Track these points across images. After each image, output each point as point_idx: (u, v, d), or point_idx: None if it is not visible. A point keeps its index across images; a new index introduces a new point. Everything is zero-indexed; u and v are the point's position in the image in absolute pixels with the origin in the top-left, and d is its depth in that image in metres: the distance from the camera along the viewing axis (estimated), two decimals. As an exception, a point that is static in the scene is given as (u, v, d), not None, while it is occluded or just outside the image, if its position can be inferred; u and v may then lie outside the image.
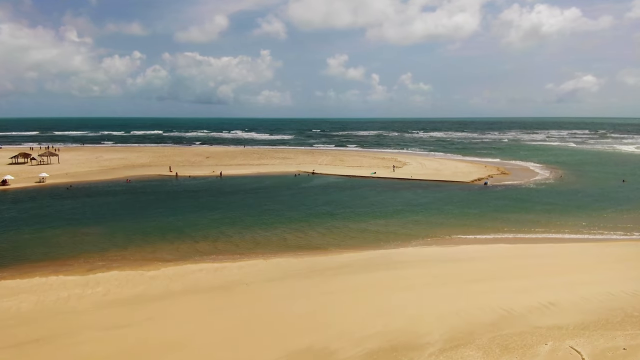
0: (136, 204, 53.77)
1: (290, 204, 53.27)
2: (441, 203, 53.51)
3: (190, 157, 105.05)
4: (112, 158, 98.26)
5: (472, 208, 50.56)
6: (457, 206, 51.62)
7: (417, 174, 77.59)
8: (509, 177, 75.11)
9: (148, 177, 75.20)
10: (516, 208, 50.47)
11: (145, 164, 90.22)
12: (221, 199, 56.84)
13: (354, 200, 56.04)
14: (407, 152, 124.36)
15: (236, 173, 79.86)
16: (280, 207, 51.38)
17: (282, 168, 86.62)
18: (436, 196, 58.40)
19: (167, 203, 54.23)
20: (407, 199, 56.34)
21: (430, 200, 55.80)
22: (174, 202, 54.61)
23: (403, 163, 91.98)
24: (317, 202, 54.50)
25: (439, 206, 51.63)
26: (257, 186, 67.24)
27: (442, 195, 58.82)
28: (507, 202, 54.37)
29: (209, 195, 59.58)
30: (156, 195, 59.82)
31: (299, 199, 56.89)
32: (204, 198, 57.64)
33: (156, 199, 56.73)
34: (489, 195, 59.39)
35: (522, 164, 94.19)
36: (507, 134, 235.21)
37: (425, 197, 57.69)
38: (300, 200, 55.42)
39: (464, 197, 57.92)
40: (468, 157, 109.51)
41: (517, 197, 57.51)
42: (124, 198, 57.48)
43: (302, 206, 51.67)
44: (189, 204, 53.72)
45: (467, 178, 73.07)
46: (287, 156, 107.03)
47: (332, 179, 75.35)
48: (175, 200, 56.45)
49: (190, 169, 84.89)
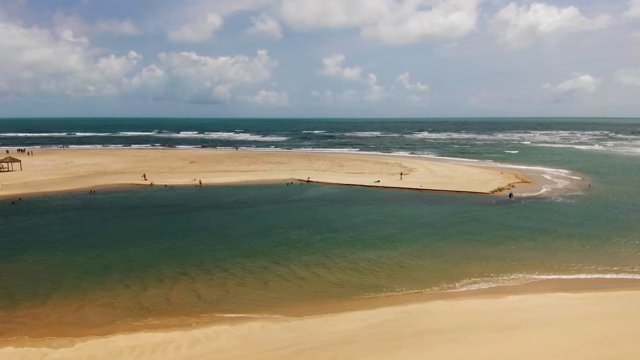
0: (86, 225, 43.53)
1: (277, 225, 43.23)
2: (462, 223, 43.64)
3: (173, 161, 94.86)
4: (84, 164, 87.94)
5: (503, 230, 40.69)
6: (483, 227, 41.75)
7: (426, 182, 67.70)
8: (532, 187, 65.28)
9: (117, 187, 65.00)
10: (560, 231, 40.60)
11: (120, 171, 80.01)
12: (193, 218, 46.75)
13: (355, 219, 45.99)
14: (411, 155, 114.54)
15: (219, 182, 69.73)
16: (263, 230, 41.36)
17: (273, 175, 76.60)
18: (454, 212, 48.57)
19: (125, 224, 44.03)
20: (420, 217, 46.43)
21: (448, 218, 45.94)
22: (133, 223, 44.42)
23: (409, 169, 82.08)
24: (310, 222, 44.46)
25: (460, 228, 41.75)
26: (240, 199, 57.17)
27: (460, 211, 48.98)
28: (544, 222, 44.41)
29: (179, 212, 49.49)
30: (116, 212, 49.60)
31: (289, 217, 46.89)
32: (172, 217, 47.59)
33: (114, 218, 46.52)
34: (517, 211, 49.56)
35: (540, 169, 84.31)
36: (511, 135, 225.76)
37: (441, 214, 47.83)
38: (291, 220, 45.37)
39: (488, 214, 48.05)
40: (478, 161, 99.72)
41: (553, 215, 47.65)
42: (76, 216, 47.25)
43: (293, 229, 41.64)
44: (151, 225, 43.59)
45: (486, 188, 63.22)
46: (281, 160, 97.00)
47: (330, 188, 65.38)
48: (136, 219, 46.25)
49: (169, 176, 74.74)
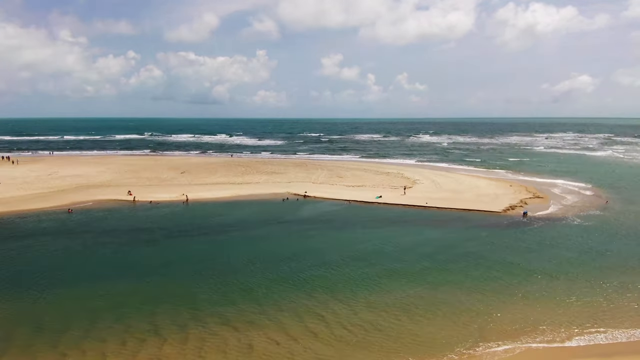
0: (44, 257, 38.87)
1: (261, 257, 38.50)
2: (471, 255, 38.85)
3: (163, 171, 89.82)
4: (68, 175, 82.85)
5: (520, 266, 35.92)
6: (497, 262, 36.99)
7: (432, 198, 62.81)
8: (545, 204, 60.39)
9: (98, 204, 60.00)
10: (586, 265, 35.94)
11: (104, 183, 74.97)
12: (170, 248, 42.32)
13: (351, 249, 41.09)
14: (413, 162, 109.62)
15: (209, 197, 64.74)
16: (245, 263, 36.80)
17: (267, 188, 71.65)
18: (462, 238, 44.07)
19: (92, 255, 39.52)
20: (424, 245, 41.91)
21: (456, 246, 41.43)
22: (102, 254, 39.93)
23: (412, 181, 77.17)
24: (299, 254, 39.61)
25: (469, 262, 37.04)
26: (228, 219, 52.28)
27: (470, 237, 44.47)
28: (564, 253, 39.76)
29: (156, 240, 44.50)
30: (88, 238, 44.57)
31: (278, 245, 42.33)
32: (146, 246, 42.77)
33: (82, 247, 41.72)
34: (533, 236, 44.85)
35: (551, 181, 78.84)
36: (513, 138, 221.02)
37: (448, 241, 43.33)
38: (279, 250, 40.64)
39: (501, 240, 43.30)
40: (485, 170, 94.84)
41: (573, 243, 42.96)
42: (42, 244, 42.34)
43: (278, 264, 36.80)
44: (120, 257, 39.21)
45: (497, 205, 58.40)
46: (277, 170, 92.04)
47: (328, 205, 60.55)
48: (107, 248, 41.50)
49: (156, 189, 69.76)
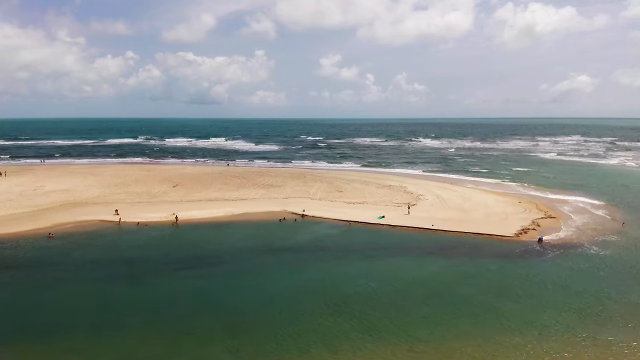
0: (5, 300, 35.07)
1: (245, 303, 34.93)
2: (487, 300, 35.14)
3: (154, 184, 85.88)
4: (54, 189, 78.86)
5: (549, 319, 32.15)
6: (518, 308, 33.34)
7: (438, 218, 59.04)
8: (558, 225, 56.61)
9: (82, 227, 56.16)
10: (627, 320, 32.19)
11: (91, 200, 71.05)
12: (153, 285, 38.40)
13: (347, 288, 37.36)
14: (416, 172, 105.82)
15: (200, 217, 60.85)
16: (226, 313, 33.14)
17: (263, 205, 67.82)
18: (471, 273, 40.40)
19: (64, 297, 35.73)
20: (426, 284, 38.00)
21: (463, 285, 37.63)
22: (73, 294, 36.22)
23: (416, 197, 73.36)
24: (291, 297, 35.92)
25: (489, 309, 33.31)
26: (220, 248, 48.45)
27: (480, 271, 40.89)
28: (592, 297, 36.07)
29: (139, 274, 40.57)
30: (63, 272, 40.73)
31: (267, 285, 38.54)
32: (128, 281, 38.96)
33: (53, 285, 37.94)
34: (551, 271, 41.12)
35: (562, 197, 73.40)
36: (516, 143, 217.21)
37: (459, 276, 39.68)
38: (273, 287, 36.99)
39: (517, 276, 39.53)
40: (491, 182, 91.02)
41: (597, 279, 39.17)
42: (11, 278, 38.64)
43: (262, 313, 33.04)
44: (93, 301, 35.19)
45: (507, 227, 54.66)
46: (274, 182, 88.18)
47: (327, 227, 56.81)
48: (78, 286, 37.64)
49: (145, 208, 65.91)
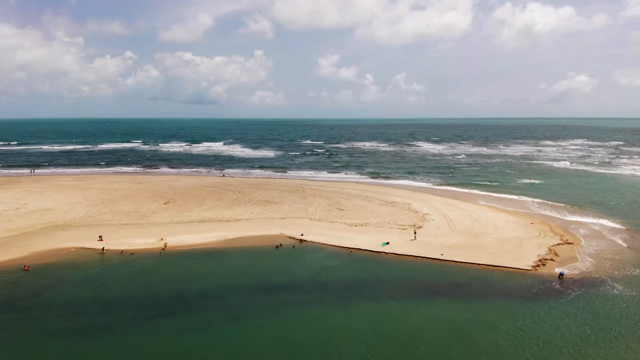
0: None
1: None
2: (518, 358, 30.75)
3: (145, 201, 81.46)
4: (38, 209, 74.35)
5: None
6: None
7: (447, 245, 54.84)
8: (576, 253, 52.49)
9: (61, 256, 51.83)
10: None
11: (75, 222, 66.64)
12: (127, 342, 33.85)
13: (343, 346, 33.03)
14: (419, 185, 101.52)
15: (190, 243, 56.48)
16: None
17: (259, 227, 63.58)
18: (488, 319, 35.98)
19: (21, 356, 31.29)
20: (439, 339, 33.58)
21: (481, 338, 33.14)
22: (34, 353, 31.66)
23: (422, 216, 69.09)
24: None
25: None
26: (208, 286, 44.10)
27: (496, 317, 36.35)
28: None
29: (113, 324, 36.15)
30: (30, 319, 36.28)
31: (260, 334, 34.14)
32: (98, 335, 34.42)
33: (13, 339, 33.39)
34: (574, 318, 36.81)
35: (577, 219, 68.18)
36: (520, 147, 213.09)
37: (470, 325, 35.15)
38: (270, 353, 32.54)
39: (549, 325, 35.19)
40: (497, 196, 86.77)
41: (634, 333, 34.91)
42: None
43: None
44: None
45: (523, 256, 50.53)
46: (270, 198, 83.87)
47: (327, 256, 52.60)
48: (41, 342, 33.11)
49: (132, 231, 61.59)
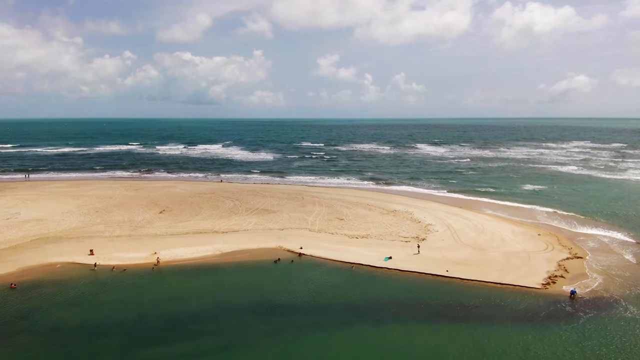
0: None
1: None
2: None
3: (139, 209, 79.28)
4: (29, 219, 72.02)
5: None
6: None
7: (452, 260, 52.80)
8: (586, 269, 50.57)
9: (51, 272, 49.75)
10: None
11: (66, 234, 64.39)
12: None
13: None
14: (420, 191, 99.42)
15: (185, 258, 54.32)
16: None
17: (257, 239, 61.47)
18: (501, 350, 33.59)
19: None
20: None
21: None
22: None
23: (425, 227, 66.98)
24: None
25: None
26: (203, 306, 41.94)
27: (515, 340, 34.11)
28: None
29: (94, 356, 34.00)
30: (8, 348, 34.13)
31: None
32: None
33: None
34: (596, 347, 34.63)
35: (585, 231, 65.68)
36: (522, 150, 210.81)
37: (493, 356, 32.77)
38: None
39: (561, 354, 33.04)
40: (502, 204, 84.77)
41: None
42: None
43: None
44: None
45: (532, 273, 48.56)
46: (269, 206, 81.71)
47: (326, 273, 50.53)
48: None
49: (125, 243, 59.47)
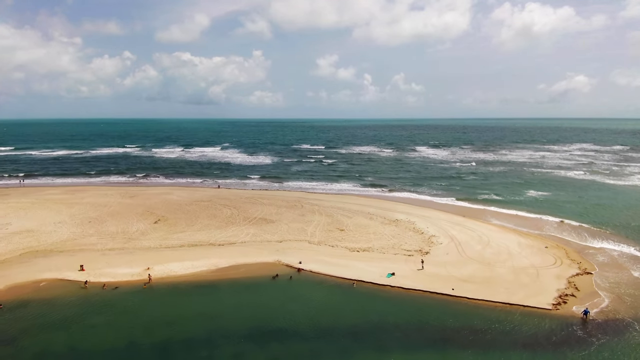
0: None
1: None
2: None
3: (134, 219, 77.03)
4: (20, 231, 69.48)
5: None
6: None
7: (458, 276, 50.66)
8: (596, 287, 48.46)
9: (39, 291, 47.56)
10: None
11: (57, 247, 62.08)
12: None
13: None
14: (422, 198, 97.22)
15: (179, 274, 52.10)
16: None
17: (255, 253, 59.26)
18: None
19: None
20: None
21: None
22: None
23: (428, 239, 64.81)
24: None
25: None
26: (196, 332, 39.62)
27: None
28: None
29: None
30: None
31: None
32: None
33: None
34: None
35: (595, 244, 63.28)
36: (524, 153, 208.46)
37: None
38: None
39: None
40: (507, 213, 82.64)
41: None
42: None
43: None
44: None
45: (542, 291, 46.50)
46: (267, 216, 79.49)
47: (327, 290, 48.46)
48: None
49: (117, 257, 57.26)
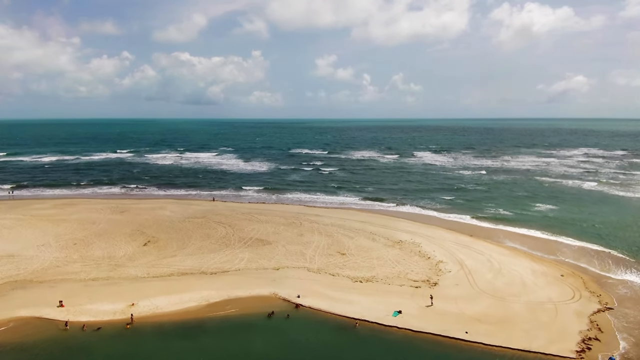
0: None
1: None
2: None
3: (121, 240, 72.70)
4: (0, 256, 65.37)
5: None
6: None
7: (470, 315, 46.58)
8: (614, 326, 44.50)
9: (13, 332, 43.44)
10: None
11: (37, 275, 57.67)
12: None
13: None
14: (426, 214, 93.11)
15: (165, 312, 47.76)
16: None
17: (249, 283, 55.08)
18: None
19: None
20: None
21: None
22: None
23: (435, 265, 60.68)
24: None
25: None
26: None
27: None
28: None
29: None
30: None
31: None
32: None
33: None
34: None
35: (615, 273, 58.94)
36: (526, 159, 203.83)
37: None
38: None
39: None
40: (517, 232, 78.48)
41: None
42: None
43: None
44: None
45: (563, 334, 42.50)
46: (264, 236, 75.29)
47: (327, 332, 44.40)
48: None
49: (100, 290, 53.00)
